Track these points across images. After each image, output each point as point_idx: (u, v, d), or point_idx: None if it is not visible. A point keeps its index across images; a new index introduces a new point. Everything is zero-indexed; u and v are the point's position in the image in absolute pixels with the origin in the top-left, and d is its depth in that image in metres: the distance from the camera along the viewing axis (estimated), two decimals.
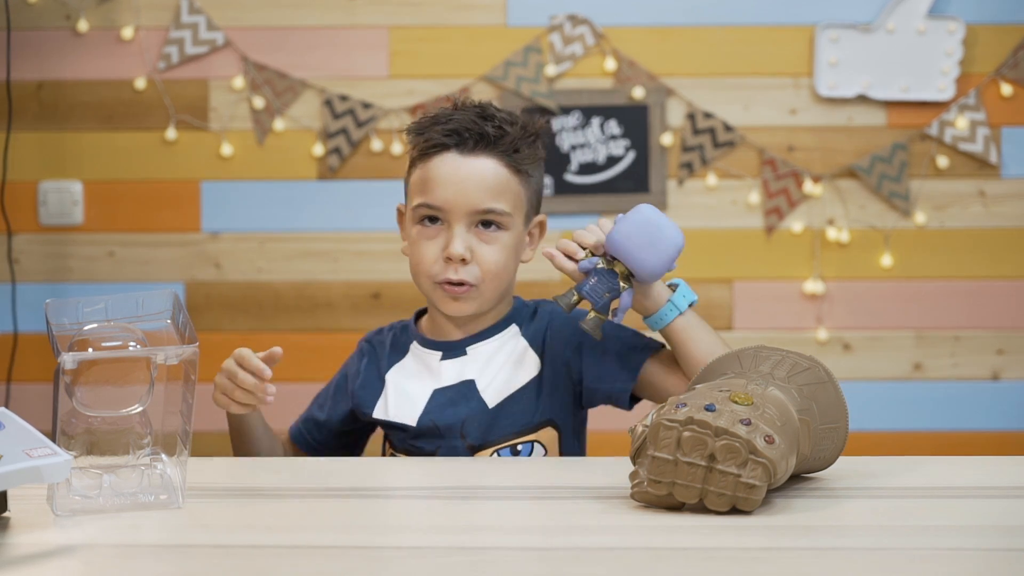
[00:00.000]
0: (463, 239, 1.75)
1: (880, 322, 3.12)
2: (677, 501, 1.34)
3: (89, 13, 3.13)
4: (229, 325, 3.16)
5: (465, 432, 1.79)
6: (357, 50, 3.13)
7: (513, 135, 1.77)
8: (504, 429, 1.79)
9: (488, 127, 1.76)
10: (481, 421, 1.79)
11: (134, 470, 1.40)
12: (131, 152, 3.15)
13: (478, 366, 1.81)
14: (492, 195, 1.76)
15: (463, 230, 1.75)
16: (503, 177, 1.77)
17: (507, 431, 1.79)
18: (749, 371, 1.49)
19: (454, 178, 1.75)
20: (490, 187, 1.76)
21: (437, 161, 1.76)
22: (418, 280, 1.81)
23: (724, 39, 3.11)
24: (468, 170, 1.75)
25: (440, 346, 1.84)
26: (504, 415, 1.79)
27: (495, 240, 1.77)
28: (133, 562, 1.23)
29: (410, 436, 1.81)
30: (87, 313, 1.38)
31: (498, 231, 1.77)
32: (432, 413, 1.80)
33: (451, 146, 1.76)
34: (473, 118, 1.77)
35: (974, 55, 3.09)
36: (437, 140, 1.76)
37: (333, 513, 1.39)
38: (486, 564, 1.20)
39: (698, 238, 3.13)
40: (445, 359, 1.83)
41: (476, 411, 1.79)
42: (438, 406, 1.81)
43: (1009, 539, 1.28)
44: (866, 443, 3.06)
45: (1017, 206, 3.11)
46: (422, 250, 1.78)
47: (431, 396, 1.81)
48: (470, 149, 1.76)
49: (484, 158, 1.76)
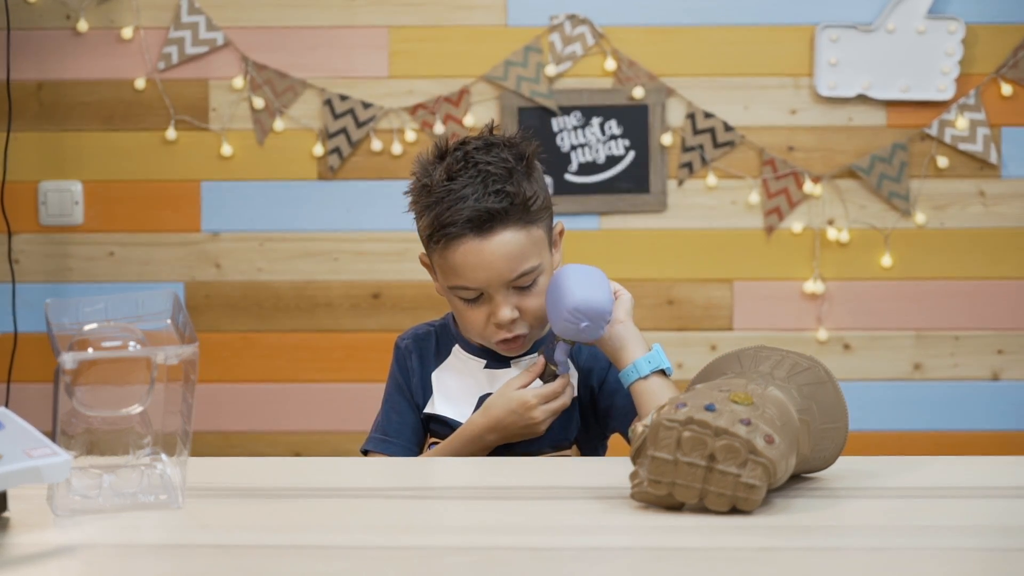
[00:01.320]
0: (508, 303, 1.78)
1: (880, 322, 3.12)
2: (677, 501, 1.34)
3: (89, 13, 3.13)
4: (229, 325, 3.16)
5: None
6: (357, 50, 3.13)
7: (518, 195, 1.77)
8: (543, 441, 1.82)
9: (493, 201, 1.75)
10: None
11: (134, 470, 1.40)
12: (131, 152, 3.15)
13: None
14: (520, 260, 1.78)
15: (504, 296, 1.78)
16: (523, 239, 1.78)
17: (544, 443, 1.82)
18: (749, 371, 1.49)
19: (481, 262, 1.76)
20: (515, 255, 1.78)
21: (461, 251, 1.77)
22: (470, 336, 1.87)
23: (724, 39, 3.11)
24: (491, 251, 1.76)
25: (485, 354, 1.87)
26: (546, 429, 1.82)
27: (534, 292, 1.80)
28: (133, 562, 1.23)
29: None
30: (87, 313, 1.38)
31: (535, 283, 1.80)
32: None
33: (468, 232, 1.76)
34: (474, 196, 1.76)
35: (974, 55, 3.09)
36: (452, 232, 1.76)
37: (333, 513, 1.39)
38: (486, 564, 1.20)
39: (698, 238, 3.13)
40: (489, 367, 1.86)
41: None
42: None
43: (1009, 539, 1.28)
44: (866, 443, 3.06)
45: (1017, 206, 3.11)
46: (470, 317, 1.81)
47: (478, 401, 1.84)
48: (485, 229, 1.76)
49: (501, 232, 1.77)
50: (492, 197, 1.75)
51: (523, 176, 1.79)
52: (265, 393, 3.16)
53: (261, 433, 3.16)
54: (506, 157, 1.79)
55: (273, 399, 3.16)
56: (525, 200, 1.77)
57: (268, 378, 3.16)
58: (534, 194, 1.79)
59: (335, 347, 3.16)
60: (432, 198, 1.78)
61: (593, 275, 1.76)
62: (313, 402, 3.15)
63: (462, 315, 1.82)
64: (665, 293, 3.13)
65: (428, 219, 1.78)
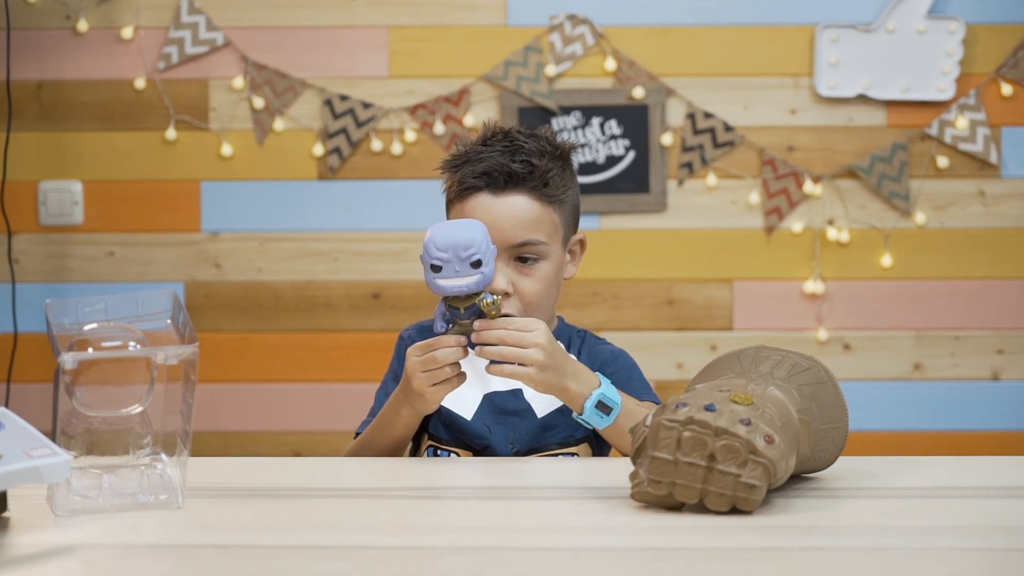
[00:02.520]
0: (504, 274, 1.79)
1: (880, 322, 3.12)
2: (677, 501, 1.34)
3: (89, 13, 3.13)
4: (229, 325, 3.16)
5: (514, 440, 1.82)
6: (357, 50, 3.13)
7: (541, 168, 1.81)
8: (550, 439, 1.82)
9: (515, 165, 1.80)
10: (530, 430, 1.82)
11: (134, 470, 1.40)
12: (131, 152, 3.15)
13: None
14: (526, 228, 1.80)
15: (503, 265, 1.79)
16: (536, 210, 1.81)
17: (552, 441, 1.82)
18: (749, 371, 1.49)
19: (487, 218, 1.78)
20: (524, 221, 1.80)
21: (471, 204, 1.81)
22: None
23: (724, 39, 3.11)
24: (501, 208, 1.80)
25: None
26: (552, 426, 1.82)
27: (534, 272, 1.81)
28: (133, 562, 1.23)
29: (463, 431, 1.82)
30: (87, 313, 1.38)
31: (536, 263, 1.81)
32: (485, 417, 1.83)
33: (482, 187, 1.81)
34: (500, 156, 1.81)
35: (974, 55, 3.09)
36: (469, 183, 1.81)
37: (333, 513, 1.39)
38: (486, 564, 1.20)
39: (698, 238, 3.13)
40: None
41: (527, 420, 1.82)
42: (491, 411, 1.83)
43: (1010, 539, 1.28)
44: (866, 443, 3.06)
45: (1017, 206, 3.11)
46: None
47: (482, 400, 1.84)
48: (501, 188, 1.80)
49: (515, 195, 1.81)
50: (516, 163, 1.80)
51: (554, 162, 1.83)
52: (265, 393, 3.16)
53: (261, 433, 3.16)
54: (544, 145, 1.84)
55: (273, 399, 3.16)
56: (546, 175, 1.81)
57: (268, 378, 3.16)
58: (562, 181, 1.83)
59: (335, 347, 3.16)
60: (459, 160, 1.84)
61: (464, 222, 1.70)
62: (313, 402, 3.15)
63: None
64: (665, 293, 3.13)
65: (450, 179, 1.84)
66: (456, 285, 1.64)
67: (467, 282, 1.64)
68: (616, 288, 3.13)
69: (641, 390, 1.84)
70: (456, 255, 1.63)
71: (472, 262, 1.63)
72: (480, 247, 1.64)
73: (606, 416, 1.68)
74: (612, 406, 1.68)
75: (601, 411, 1.68)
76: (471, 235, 1.64)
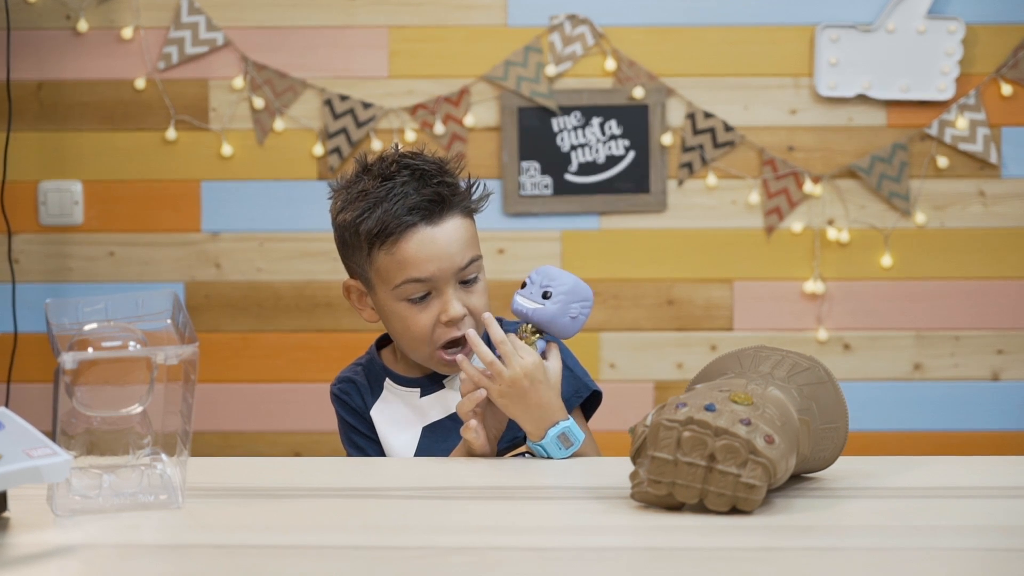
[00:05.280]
0: (457, 299, 1.78)
1: (880, 322, 3.12)
2: (677, 501, 1.34)
3: (89, 13, 3.13)
4: (229, 325, 3.16)
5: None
6: (357, 50, 3.13)
7: (457, 185, 1.81)
8: (501, 445, 1.80)
9: (441, 190, 1.78)
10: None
11: (134, 470, 1.40)
12: (131, 152, 3.15)
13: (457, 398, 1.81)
14: (468, 248, 1.79)
15: (452, 291, 1.78)
16: (468, 227, 1.81)
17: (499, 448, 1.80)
18: (749, 371, 1.49)
19: (434, 250, 1.76)
20: (465, 242, 1.79)
21: (411, 240, 1.76)
22: (414, 349, 1.81)
23: (724, 39, 3.11)
24: (443, 236, 1.77)
25: (416, 383, 1.86)
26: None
27: (477, 289, 1.81)
28: (133, 562, 1.23)
29: None
30: (87, 313, 1.38)
31: (476, 279, 1.81)
32: (427, 451, 1.82)
33: (418, 221, 1.77)
34: (419, 186, 1.77)
35: (974, 55, 3.09)
36: (404, 221, 1.76)
37: (333, 513, 1.39)
38: (486, 564, 1.20)
39: (698, 238, 3.13)
40: (425, 395, 1.85)
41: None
42: (431, 443, 1.83)
43: (1010, 539, 1.28)
44: (866, 443, 3.06)
45: (1017, 206, 3.11)
46: (419, 322, 1.78)
47: (421, 434, 1.83)
48: (438, 216, 1.78)
49: (450, 219, 1.79)
50: (434, 188, 1.78)
51: (452, 173, 1.82)
52: (265, 393, 3.16)
53: (261, 433, 3.16)
54: (432, 158, 1.82)
55: (273, 399, 3.16)
56: (462, 191, 1.81)
57: (268, 378, 3.16)
58: (468, 186, 1.82)
59: (335, 347, 3.15)
60: (370, 200, 1.77)
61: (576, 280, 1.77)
62: (313, 402, 3.15)
63: (407, 324, 1.79)
64: (665, 293, 3.13)
65: (371, 221, 1.76)
66: (517, 303, 1.71)
67: (526, 305, 1.70)
68: (616, 288, 3.13)
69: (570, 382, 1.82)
70: (541, 282, 1.70)
71: (544, 292, 1.70)
72: (562, 289, 1.69)
73: (564, 448, 1.67)
74: (575, 441, 1.68)
75: (562, 442, 1.67)
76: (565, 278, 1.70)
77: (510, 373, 1.66)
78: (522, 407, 1.67)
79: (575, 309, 1.69)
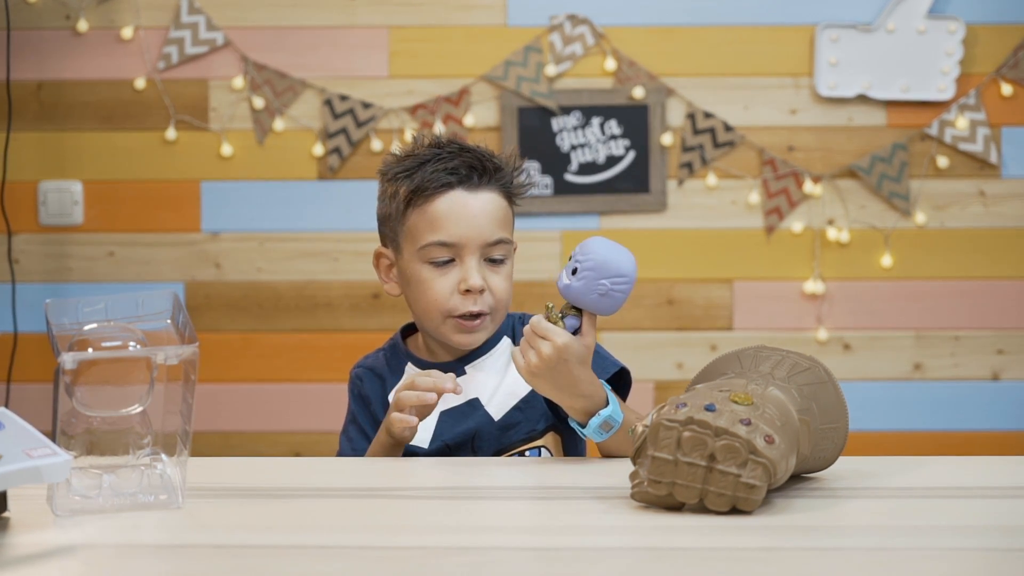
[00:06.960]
0: (479, 271, 1.79)
1: (880, 322, 3.12)
2: (677, 501, 1.34)
3: (89, 13, 3.13)
4: (229, 325, 3.16)
5: (476, 446, 1.81)
6: (357, 50, 3.13)
7: (506, 168, 1.83)
8: (512, 438, 1.81)
9: (487, 163, 1.81)
10: (490, 434, 1.81)
11: (134, 470, 1.40)
12: (131, 152, 3.15)
13: (479, 383, 1.83)
14: (500, 226, 1.81)
15: (476, 263, 1.79)
16: (504, 208, 1.82)
17: (515, 440, 1.81)
18: (749, 371, 1.49)
19: (465, 213, 1.78)
20: (497, 219, 1.81)
21: (444, 200, 1.79)
22: (429, 316, 1.81)
23: (724, 39, 3.11)
24: (477, 204, 1.79)
25: (438, 368, 1.85)
26: (511, 426, 1.81)
27: (502, 271, 1.81)
28: (133, 562, 1.23)
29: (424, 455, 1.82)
30: (87, 313, 1.38)
31: (503, 262, 1.82)
32: (443, 435, 1.82)
33: (455, 184, 1.79)
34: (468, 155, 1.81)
35: (974, 55, 3.09)
36: (442, 179, 1.79)
37: (333, 513, 1.39)
38: (486, 564, 1.20)
39: (698, 238, 3.13)
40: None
41: (484, 425, 1.81)
42: (447, 427, 1.82)
43: (1010, 539, 1.28)
44: (866, 443, 3.06)
45: (1017, 206, 3.11)
46: (437, 287, 1.79)
47: (439, 419, 1.83)
48: (475, 184, 1.80)
49: (488, 192, 1.80)
50: (477, 155, 1.81)
51: (516, 169, 1.85)
52: (265, 393, 3.16)
53: (261, 433, 3.16)
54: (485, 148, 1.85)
55: (273, 399, 3.16)
56: (512, 174, 1.83)
57: (268, 378, 3.16)
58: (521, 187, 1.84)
59: (335, 347, 3.16)
60: (417, 161, 1.81)
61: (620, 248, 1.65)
62: (313, 402, 3.15)
63: (425, 288, 1.79)
64: (665, 293, 3.13)
65: (412, 182, 1.79)
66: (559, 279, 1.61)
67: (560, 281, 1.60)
68: None
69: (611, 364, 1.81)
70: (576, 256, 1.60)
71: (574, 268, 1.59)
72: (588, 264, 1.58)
73: (605, 433, 1.65)
74: (614, 425, 1.64)
75: (603, 429, 1.65)
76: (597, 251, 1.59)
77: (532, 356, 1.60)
78: (551, 389, 1.62)
79: (604, 286, 1.58)
